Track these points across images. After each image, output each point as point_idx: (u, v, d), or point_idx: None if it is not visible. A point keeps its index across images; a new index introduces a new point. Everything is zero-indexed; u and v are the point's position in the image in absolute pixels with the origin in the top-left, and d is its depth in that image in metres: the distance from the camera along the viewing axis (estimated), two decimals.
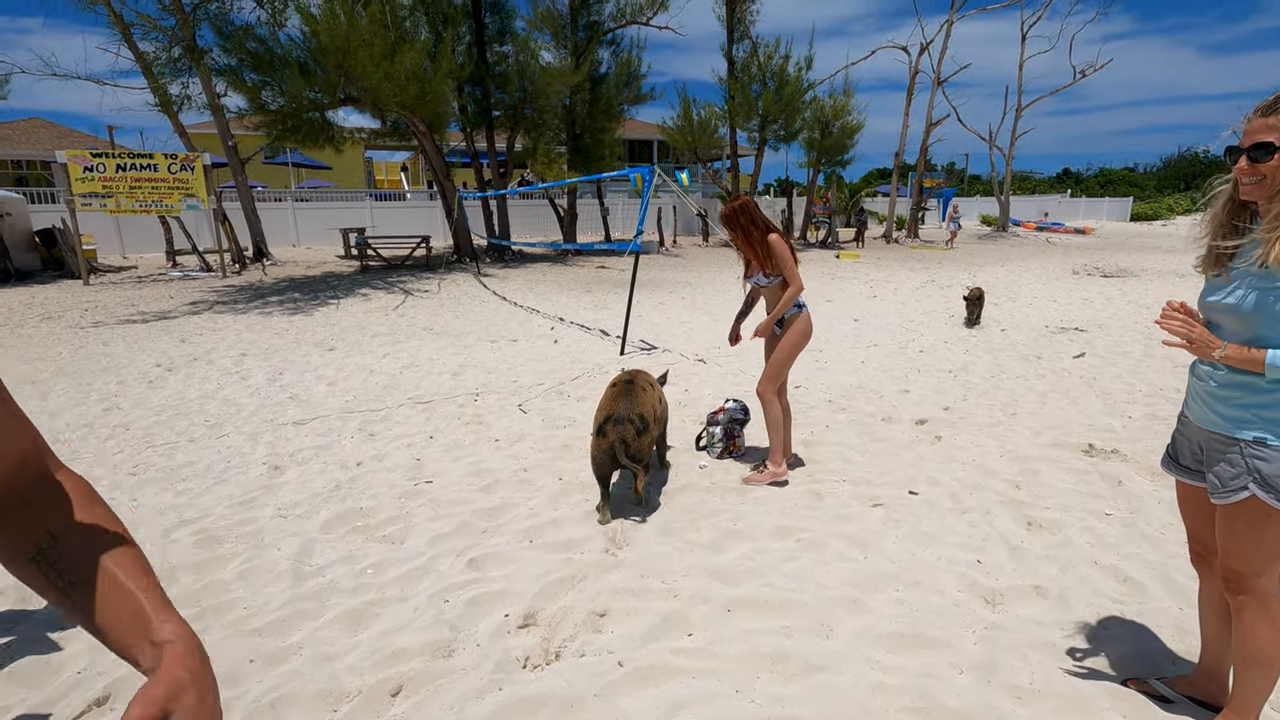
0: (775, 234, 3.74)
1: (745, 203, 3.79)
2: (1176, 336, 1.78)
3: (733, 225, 3.78)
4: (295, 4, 12.34)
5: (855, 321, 9.24)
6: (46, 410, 5.53)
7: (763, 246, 3.73)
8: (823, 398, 5.61)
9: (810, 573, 2.92)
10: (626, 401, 3.51)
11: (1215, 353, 1.74)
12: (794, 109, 21.03)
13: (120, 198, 13.22)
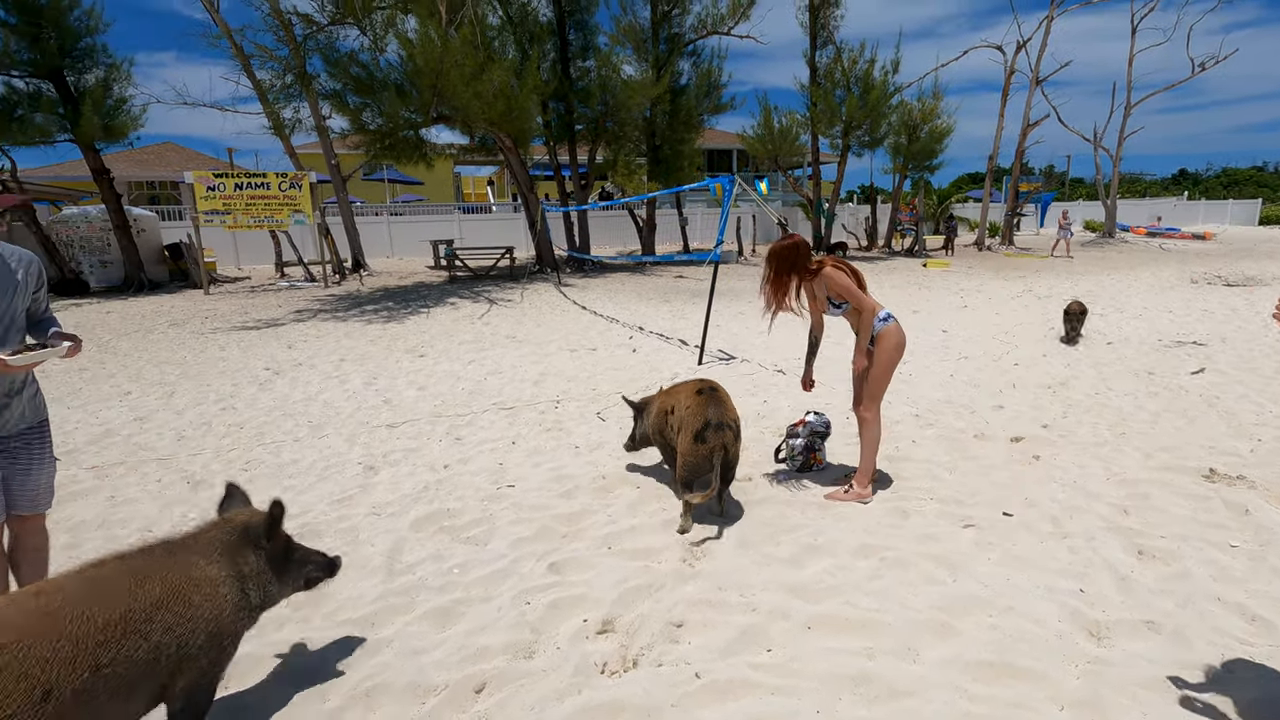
0: (829, 264, 3.68)
1: (789, 244, 3.70)
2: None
3: (772, 268, 3.70)
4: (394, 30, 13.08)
5: (943, 333, 8.86)
6: (173, 408, 6.07)
7: (818, 280, 3.70)
8: (909, 412, 5.41)
9: (895, 593, 2.82)
10: (718, 409, 3.53)
11: None
12: (879, 114, 20.46)
13: (237, 214, 14.36)
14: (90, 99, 13.88)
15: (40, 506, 2.61)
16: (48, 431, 2.65)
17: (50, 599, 1.75)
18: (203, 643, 1.91)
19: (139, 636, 1.78)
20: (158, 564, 1.92)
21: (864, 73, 20.51)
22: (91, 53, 14.23)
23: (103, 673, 1.70)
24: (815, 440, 4.29)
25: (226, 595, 1.99)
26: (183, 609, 1.88)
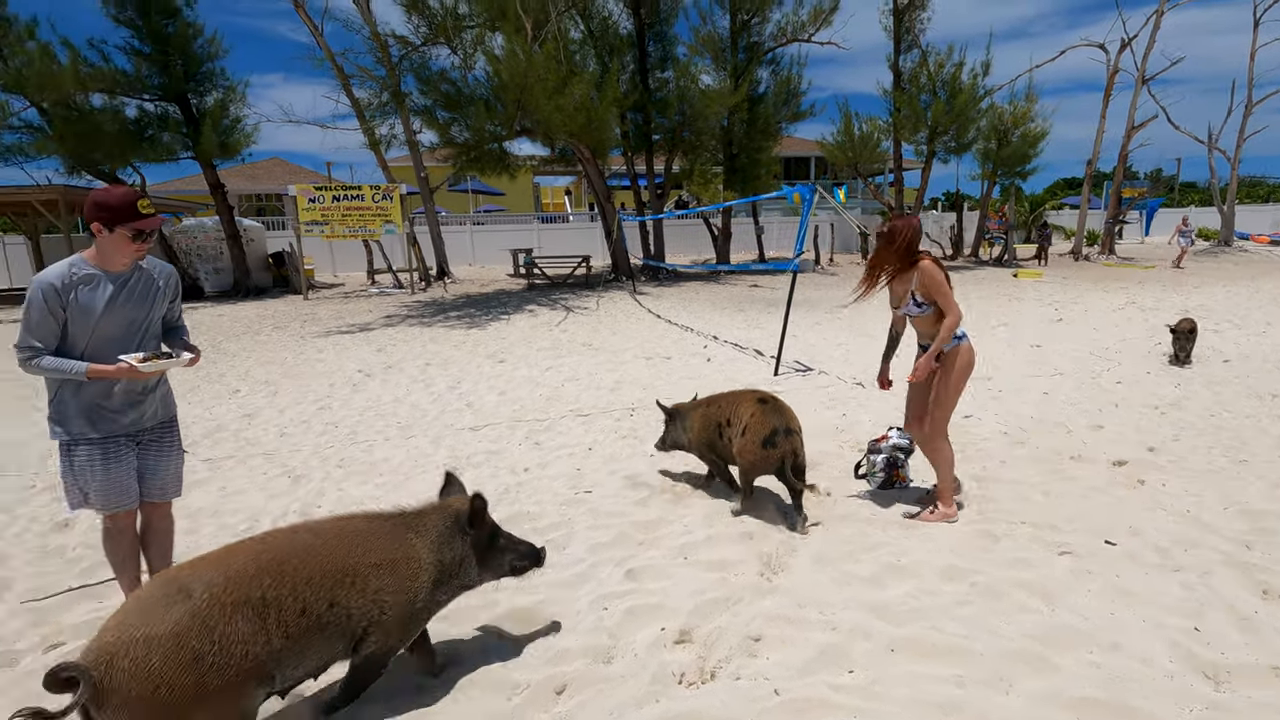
0: (928, 259, 3.50)
1: (914, 224, 3.54)
2: None
3: (890, 241, 3.51)
4: (482, 48, 13.61)
5: (1036, 348, 8.41)
6: (276, 406, 6.50)
7: (911, 272, 3.49)
8: (997, 429, 5.17)
9: (985, 620, 2.70)
10: (780, 416, 3.61)
11: None
12: (967, 119, 19.66)
13: (334, 224, 15.26)
14: (210, 119, 15.10)
15: (169, 495, 2.86)
16: (177, 427, 2.90)
17: (303, 537, 2.10)
18: (395, 612, 2.13)
19: (354, 590, 2.06)
20: (382, 533, 2.18)
21: (951, 76, 19.79)
22: (212, 77, 15.51)
23: (333, 609, 2.01)
24: (898, 457, 4.16)
25: (426, 576, 2.19)
26: (390, 578, 2.11)
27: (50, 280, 2.49)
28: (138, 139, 14.73)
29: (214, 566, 1.94)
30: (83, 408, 2.61)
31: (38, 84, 13.08)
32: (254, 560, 1.97)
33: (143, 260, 2.70)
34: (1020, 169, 21.30)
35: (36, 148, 14.00)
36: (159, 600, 1.82)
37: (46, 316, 2.49)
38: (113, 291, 2.59)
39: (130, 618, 1.78)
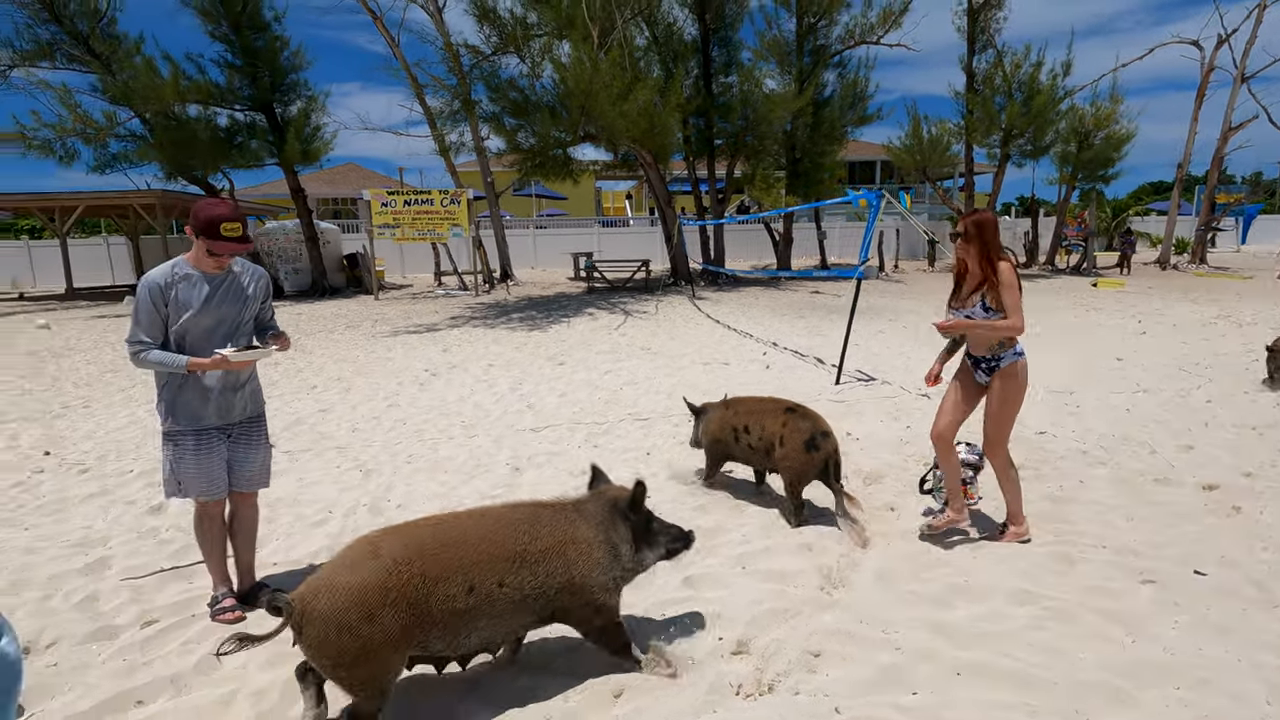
0: (1006, 262, 3.33)
1: (990, 218, 3.39)
2: None
3: (970, 240, 3.36)
4: (550, 56, 13.88)
5: (1118, 361, 7.98)
6: (349, 403, 6.79)
7: (993, 272, 3.29)
8: (1075, 447, 4.93)
9: (1059, 648, 2.58)
10: (812, 421, 3.72)
11: None
12: (1045, 121, 18.80)
13: (405, 228, 15.82)
14: (293, 127, 15.91)
15: (256, 485, 3.03)
16: (264, 422, 3.08)
17: (485, 522, 2.32)
18: (570, 594, 2.32)
19: (529, 572, 2.26)
20: (551, 520, 2.37)
21: (1029, 76, 18.99)
22: (296, 87, 16.34)
23: (502, 588, 2.22)
24: (967, 473, 4.02)
25: (597, 557, 2.37)
26: (560, 562, 2.31)
27: (154, 279, 2.72)
28: (228, 146, 15.65)
29: (401, 537, 2.21)
30: (181, 401, 2.81)
31: (142, 96, 14.07)
32: (434, 536, 2.22)
33: (234, 265, 2.89)
34: (1102, 173, 20.25)
35: (139, 155, 15.05)
36: (355, 557, 2.14)
37: (152, 313, 2.71)
38: (208, 291, 2.79)
39: (332, 567, 2.15)
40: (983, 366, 3.42)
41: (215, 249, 2.71)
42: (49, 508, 4.26)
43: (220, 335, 2.83)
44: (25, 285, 21.85)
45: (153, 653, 2.70)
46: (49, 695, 2.44)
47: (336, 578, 2.08)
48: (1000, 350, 3.35)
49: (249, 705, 2.34)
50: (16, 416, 6.51)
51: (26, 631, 2.84)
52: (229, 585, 3.03)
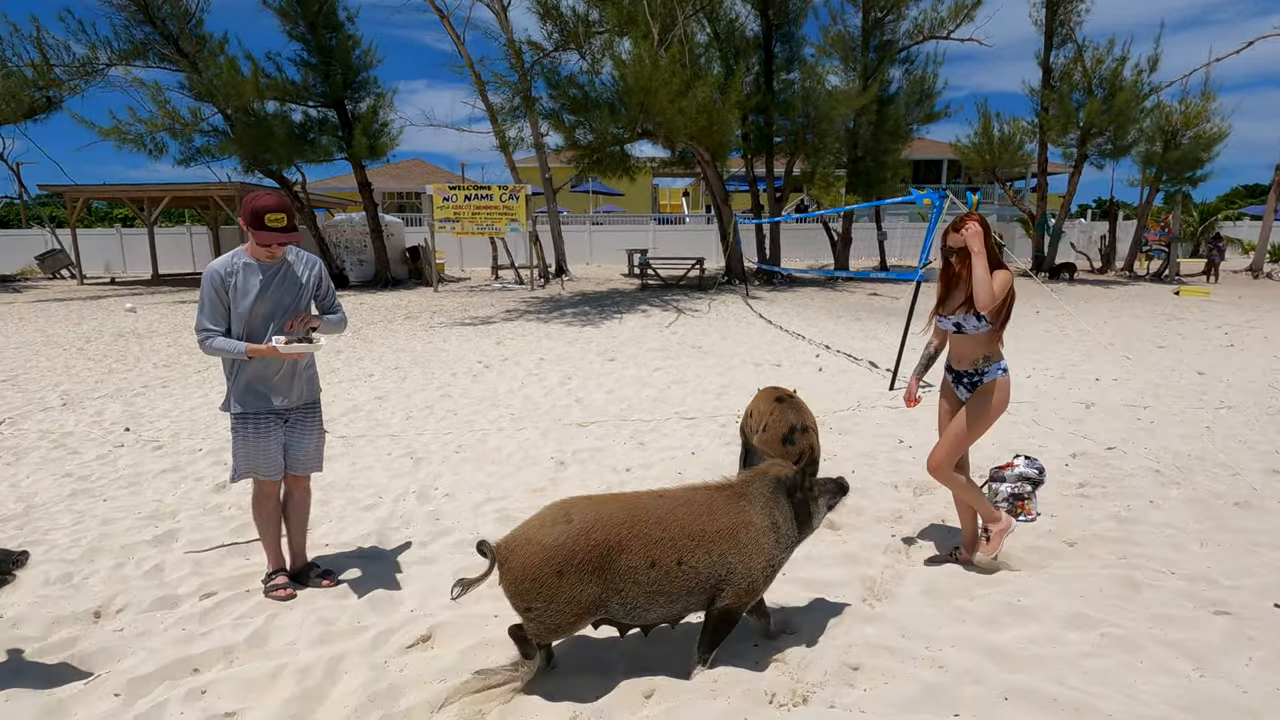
0: (1005, 270, 3.10)
1: (984, 222, 3.14)
2: None
3: (986, 237, 3.08)
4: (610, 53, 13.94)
5: (1199, 375, 7.50)
6: (404, 391, 6.99)
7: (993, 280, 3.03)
8: (1147, 465, 4.65)
9: (1119, 678, 2.44)
10: (798, 414, 3.74)
11: None
12: (1127, 118, 17.80)
13: (465, 222, 16.18)
14: (362, 123, 16.47)
15: (310, 469, 3.15)
16: (319, 409, 3.19)
17: (666, 502, 2.45)
18: (740, 572, 2.41)
19: (704, 552, 2.38)
20: (721, 503, 2.48)
21: (1111, 72, 18.01)
22: (366, 84, 16.90)
23: (680, 566, 2.34)
24: (1025, 487, 3.85)
25: (762, 541, 2.45)
26: (731, 544, 2.41)
27: (215, 269, 2.86)
28: (301, 141, 16.33)
29: (593, 506, 2.40)
30: (243, 387, 2.94)
31: (225, 93, 14.81)
32: (622, 510, 2.38)
33: (289, 254, 3.00)
34: (1190, 174, 19.07)
35: (220, 149, 15.86)
36: (550, 519, 2.34)
37: (214, 301, 2.85)
38: (263, 280, 2.91)
39: (531, 524, 2.36)
40: (964, 382, 3.21)
41: (260, 239, 2.80)
42: (125, 480, 4.54)
43: (277, 322, 2.93)
44: (116, 270, 23.33)
45: (210, 624, 2.84)
46: (115, 658, 2.59)
47: (533, 534, 2.30)
48: (984, 365, 3.14)
49: (294, 681, 2.43)
50: (102, 394, 6.96)
51: (100, 597, 3.03)
52: (282, 564, 3.16)
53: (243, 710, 2.30)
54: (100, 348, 9.57)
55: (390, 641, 2.70)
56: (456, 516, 3.94)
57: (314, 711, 2.30)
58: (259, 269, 2.91)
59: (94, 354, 9.12)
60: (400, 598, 3.06)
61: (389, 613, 2.94)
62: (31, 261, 21.31)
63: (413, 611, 2.94)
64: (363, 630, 2.79)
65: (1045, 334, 10.50)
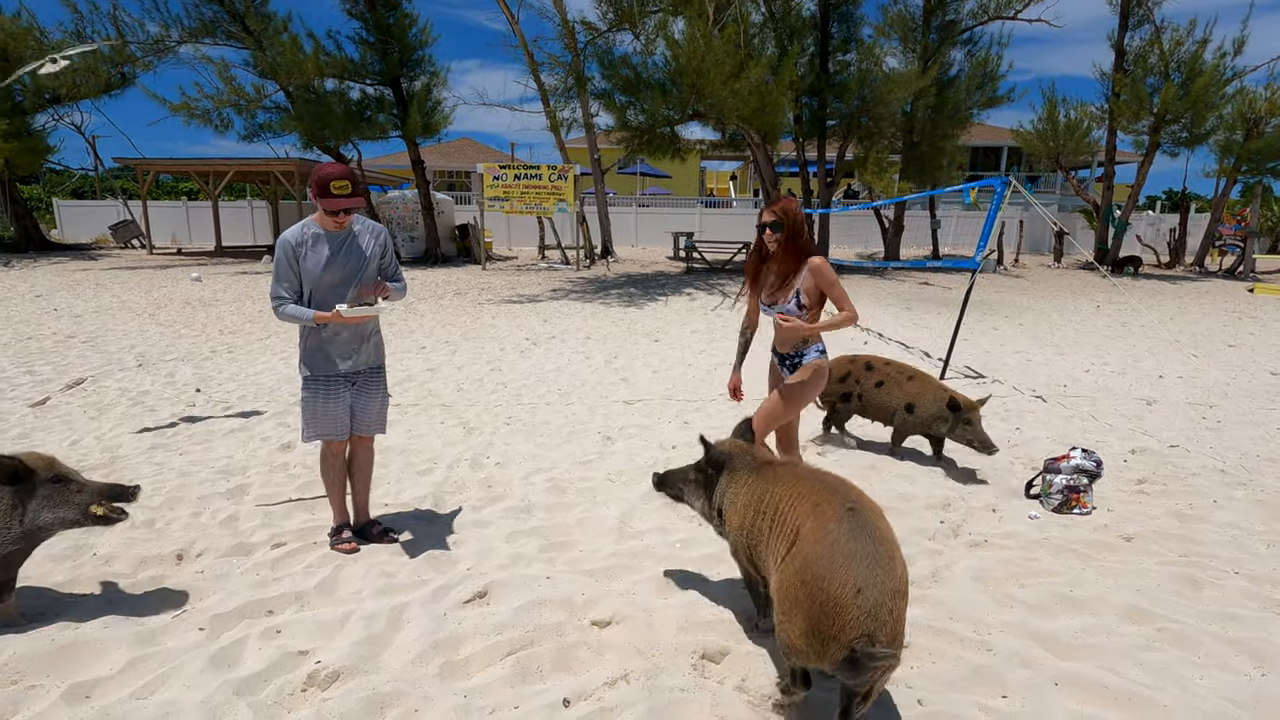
0: (820, 256, 3.09)
1: (798, 206, 3.12)
2: None
3: (795, 224, 3.07)
4: (663, 33, 13.83)
5: (1272, 376, 7.16)
6: (455, 364, 7.17)
7: (800, 266, 3.06)
8: (1212, 464, 4.49)
9: (1175, 672, 2.40)
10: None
11: None
12: (1206, 104, 16.85)
13: (514, 201, 16.35)
14: (416, 102, 16.74)
15: (374, 430, 3.29)
16: (384, 373, 3.33)
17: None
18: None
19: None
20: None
21: (1191, 55, 17.05)
22: (421, 63, 17.14)
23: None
24: (1081, 480, 3.77)
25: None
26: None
27: (287, 239, 2.98)
28: (359, 119, 16.69)
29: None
30: (314, 351, 3.08)
31: (287, 70, 15.22)
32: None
33: (355, 224, 3.11)
34: (1272, 165, 18.01)
35: (281, 125, 16.33)
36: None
37: (286, 269, 2.97)
38: (332, 249, 3.02)
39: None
40: (787, 363, 3.26)
41: (328, 206, 2.91)
42: (198, 437, 4.80)
43: (345, 289, 3.04)
44: (182, 241, 24.33)
45: (281, 571, 3.01)
46: (199, 597, 2.78)
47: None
48: (804, 346, 3.21)
49: (360, 627, 2.57)
50: (174, 357, 7.32)
51: (181, 541, 3.24)
52: (346, 519, 3.32)
53: (315, 649, 2.45)
54: (170, 314, 10.05)
55: (449, 596, 2.83)
56: (508, 484, 4.06)
57: (379, 655, 2.44)
58: (327, 239, 3.01)
59: (165, 320, 9.59)
60: (456, 557, 3.19)
61: (446, 570, 3.07)
62: (105, 231, 22.37)
63: (469, 570, 3.06)
64: (422, 584, 2.92)
65: (1106, 328, 10.14)
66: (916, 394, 4.40)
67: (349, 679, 2.29)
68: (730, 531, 2.49)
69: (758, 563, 2.35)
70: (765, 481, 2.39)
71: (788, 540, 2.11)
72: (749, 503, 2.39)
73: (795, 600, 1.94)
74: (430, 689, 2.27)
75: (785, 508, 2.21)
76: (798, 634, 1.93)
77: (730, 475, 2.55)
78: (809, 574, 1.93)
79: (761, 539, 2.27)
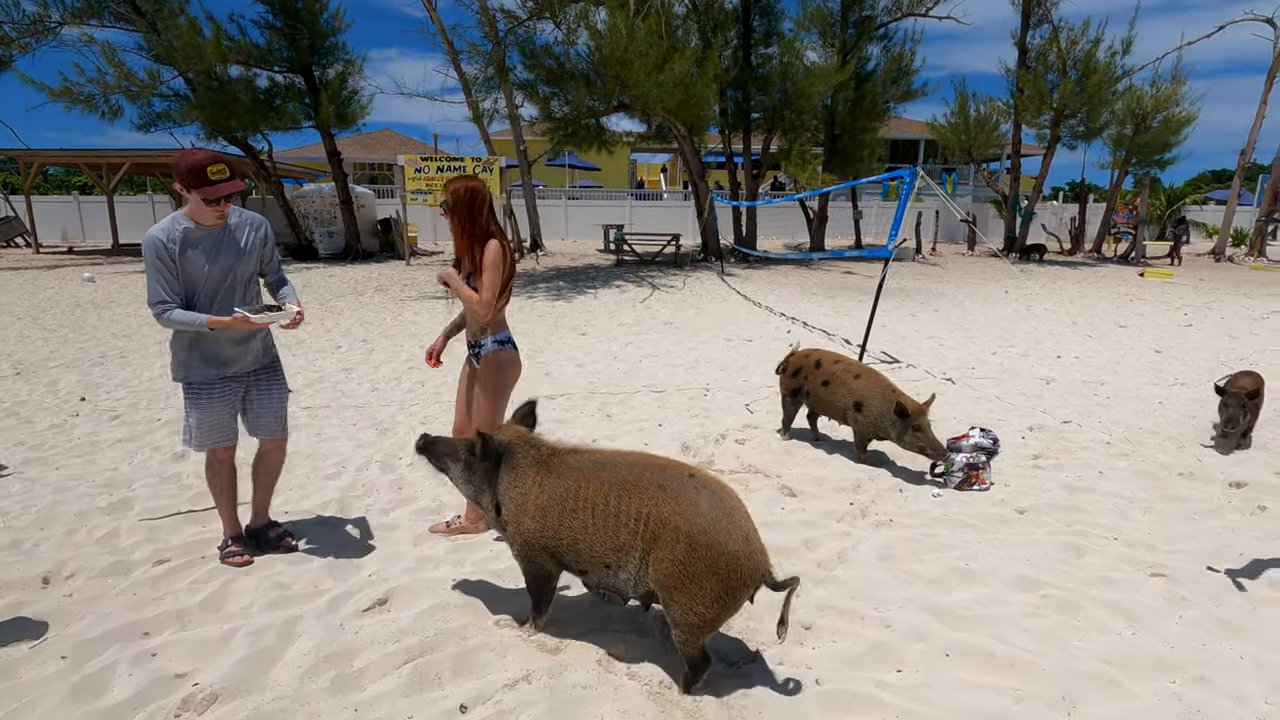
0: (496, 241, 3.06)
1: (473, 187, 3.11)
2: None
3: (452, 212, 3.08)
4: (585, 23, 13.67)
5: (1156, 354, 7.70)
6: (372, 363, 6.90)
7: (479, 249, 3.04)
8: (1099, 438, 4.79)
9: (1056, 636, 2.53)
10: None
11: None
12: (1100, 101, 17.99)
13: (437, 193, 15.87)
14: (330, 90, 16.01)
15: (272, 432, 3.09)
16: (278, 368, 3.14)
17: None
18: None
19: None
20: None
21: (1085, 54, 18.14)
22: (334, 50, 16.40)
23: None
24: (979, 458, 3.95)
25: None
26: None
27: (156, 235, 2.67)
28: (267, 108, 15.84)
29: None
30: (192, 353, 2.84)
31: (185, 55, 14.27)
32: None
33: (231, 215, 2.84)
34: (1159, 158, 19.38)
35: (181, 114, 15.32)
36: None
37: (161, 270, 2.67)
38: (208, 245, 2.75)
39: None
40: (472, 352, 3.24)
41: (207, 194, 2.64)
42: (80, 449, 4.44)
43: (226, 288, 2.82)
44: (74, 239, 22.58)
45: (163, 589, 2.81)
46: (64, 623, 2.56)
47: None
48: (483, 337, 3.15)
49: (246, 643, 2.43)
50: (57, 364, 6.77)
51: (49, 563, 2.98)
52: (238, 530, 3.13)
53: (193, 671, 2.29)
54: (56, 318, 9.30)
55: (347, 605, 2.70)
56: (420, 485, 3.93)
57: (266, 672, 2.30)
58: (202, 233, 2.75)
59: (49, 324, 8.86)
60: (360, 563, 3.06)
61: (347, 577, 2.94)
62: None
63: (370, 576, 2.94)
64: (319, 594, 2.78)
65: (1013, 313, 10.69)
66: (864, 393, 4.18)
67: (229, 700, 2.16)
68: (520, 532, 2.36)
69: (571, 559, 2.31)
70: (567, 478, 2.30)
71: (640, 530, 2.13)
72: (552, 502, 2.29)
73: (697, 575, 2.06)
74: (319, 704, 2.15)
75: (615, 500, 2.19)
76: (710, 602, 2.06)
77: (513, 471, 2.38)
78: (701, 545, 2.06)
79: (583, 536, 2.23)
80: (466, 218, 3.05)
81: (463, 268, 3.15)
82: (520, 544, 2.40)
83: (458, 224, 3.07)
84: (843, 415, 4.33)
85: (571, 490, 2.28)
